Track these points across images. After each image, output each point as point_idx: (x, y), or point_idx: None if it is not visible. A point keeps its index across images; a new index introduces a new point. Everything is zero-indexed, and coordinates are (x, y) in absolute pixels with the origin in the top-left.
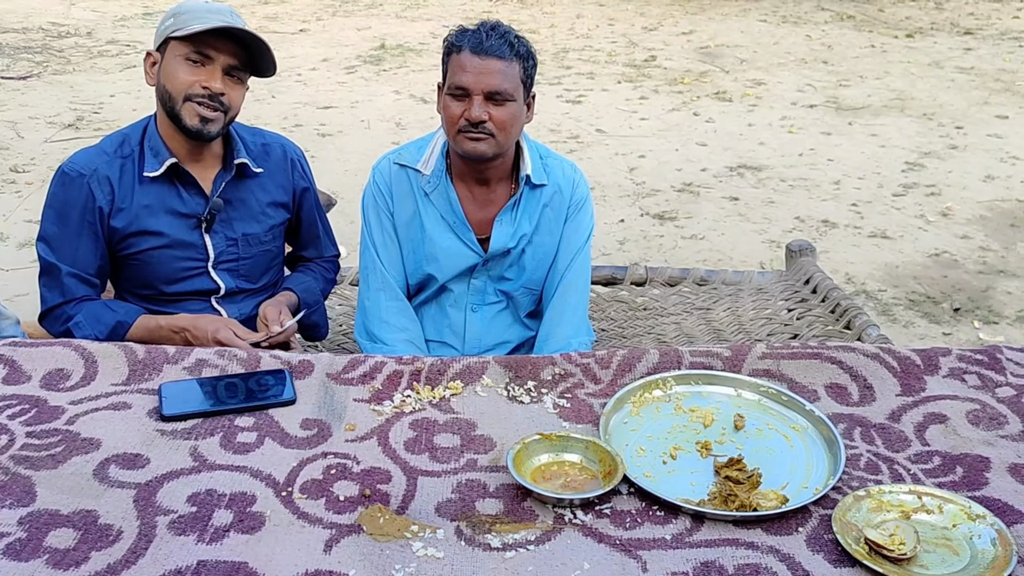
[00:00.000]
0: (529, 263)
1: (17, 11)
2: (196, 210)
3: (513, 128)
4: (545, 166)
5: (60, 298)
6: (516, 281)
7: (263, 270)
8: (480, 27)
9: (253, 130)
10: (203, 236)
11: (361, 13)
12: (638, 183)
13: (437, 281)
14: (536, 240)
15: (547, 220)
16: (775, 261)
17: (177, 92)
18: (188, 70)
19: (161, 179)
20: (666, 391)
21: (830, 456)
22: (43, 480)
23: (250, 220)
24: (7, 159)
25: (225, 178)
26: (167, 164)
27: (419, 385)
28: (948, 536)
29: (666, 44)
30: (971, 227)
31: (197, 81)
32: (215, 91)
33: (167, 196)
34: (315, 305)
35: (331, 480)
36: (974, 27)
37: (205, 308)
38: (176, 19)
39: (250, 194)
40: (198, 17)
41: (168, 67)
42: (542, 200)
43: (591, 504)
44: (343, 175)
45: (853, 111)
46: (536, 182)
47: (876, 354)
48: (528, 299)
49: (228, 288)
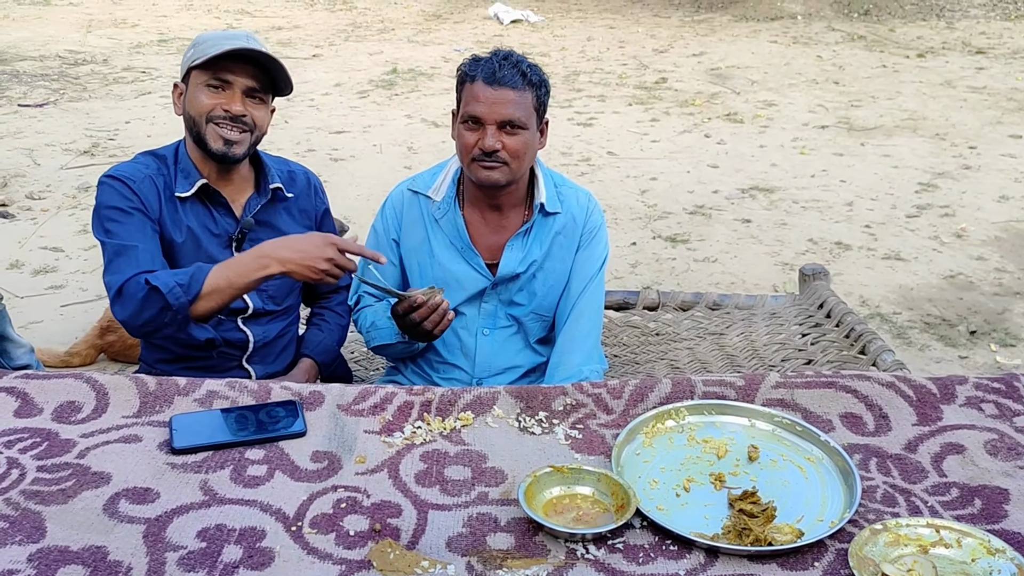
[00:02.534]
0: (540, 289)
1: (35, 39)
2: (227, 230)
3: (526, 156)
4: (559, 194)
5: (135, 268)
6: (527, 306)
7: (288, 292)
8: (493, 56)
9: (276, 158)
10: (234, 255)
11: (373, 38)
12: (649, 205)
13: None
14: (547, 267)
15: (559, 247)
16: (788, 284)
17: (200, 116)
18: (209, 95)
19: (193, 199)
20: (679, 421)
21: (846, 488)
22: (53, 515)
23: None
24: (23, 186)
25: (260, 201)
26: (198, 185)
27: (429, 416)
28: (967, 571)
29: (677, 66)
30: (986, 248)
31: (218, 104)
32: (235, 113)
33: (201, 215)
34: (332, 364)
35: (341, 514)
36: (986, 46)
37: (232, 329)
38: (196, 49)
39: (279, 218)
40: (216, 44)
41: (191, 94)
42: (554, 228)
43: (603, 538)
44: (355, 200)
45: (865, 132)
46: (550, 210)
47: (891, 383)
48: (538, 325)
49: (255, 307)
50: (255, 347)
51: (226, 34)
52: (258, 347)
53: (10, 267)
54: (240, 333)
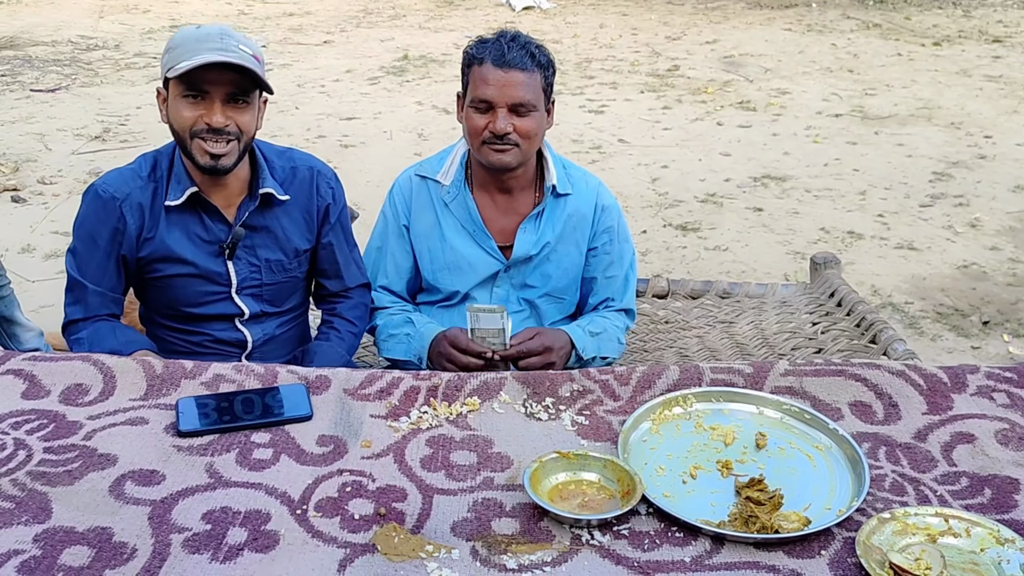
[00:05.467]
0: (554, 271)
1: (47, 24)
2: (219, 237)
3: (537, 137)
4: (568, 176)
5: (82, 314)
6: (540, 288)
7: (287, 294)
8: (500, 38)
9: (282, 151)
10: (226, 263)
11: (384, 24)
12: (661, 194)
13: (459, 292)
14: (560, 249)
15: (571, 229)
16: (799, 273)
17: (183, 130)
18: (188, 107)
19: (184, 207)
20: (686, 408)
21: (854, 476)
22: (59, 496)
23: (274, 247)
24: (35, 171)
25: (249, 207)
26: (187, 194)
27: (436, 401)
28: (976, 561)
29: (689, 53)
30: (1000, 238)
31: (198, 117)
32: (216, 125)
33: (191, 223)
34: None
35: (346, 498)
36: (1003, 35)
37: (228, 329)
38: (170, 55)
39: (275, 221)
40: (188, 50)
41: (172, 106)
42: (567, 210)
43: (609, 525)
44: (365, 186)
45: (879, 120)
46: (561, 191)
47: (901, 371)
48: (553, 307)
49: (252, 312)
50: (255, 346)
51: (199, 34)
52: (258, 345)
53: (22, 251)
54: (238, 333)
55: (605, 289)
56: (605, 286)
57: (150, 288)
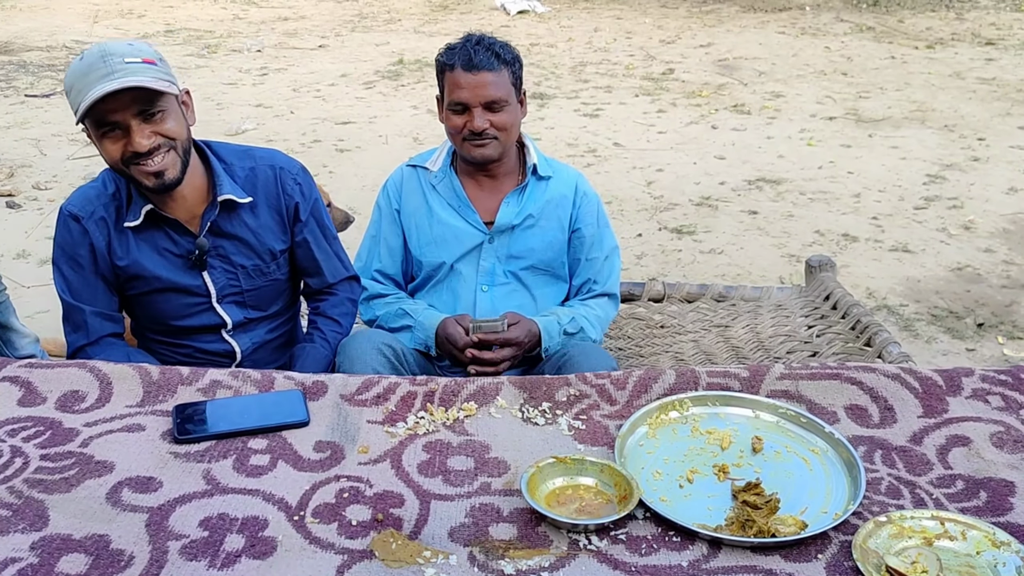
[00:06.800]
0: (537, 244)
1: (41, 30)
2: (188, 249)
3: (513, 128)
4: (550, 164)
5: (86, 339)
6: (525, 259)
7: (272, 298)
8: (466, 43)
9: (241, 151)
10: (201, 274)
11: (380, 29)
12: (656, 197)
13: (446, 264)
14: (543, 224)
15: (552, 207)
16: (794, 275)
17: (115, 163)
18: (109, 142)
19: (147, 225)
20: (683, 412)
21: (850, 480)
22: (56, 504)
23: (248, 252)
24: (30, 176)
25: (211, 216)
26: (144, 213)
27: (433, 406)
28: (972, 564)
29: (684, 57)
30: (994, 240)
31: (123, 147)
32: (140, 150)
33: (158, 239)
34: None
35: (344, 504)
36: (995, 37)
37: (216, 341)
38: (71, 98)
39: (243, 225)
40: (80, 89)
41: (97, 143)
42: (548, 191)
43: (606, 529)
44: (360, 191)
45: (873, 123)
46: (542, 174)
47: (897, 375)
48: (541, 278)
49: (236, 320)
50: (244, 355)
51: (83, 68)
52: (247, 354)
53: (16, 257)
54: (226, 344)
55: (587, 270)
56: (587, 267)
57: (134, 304)
